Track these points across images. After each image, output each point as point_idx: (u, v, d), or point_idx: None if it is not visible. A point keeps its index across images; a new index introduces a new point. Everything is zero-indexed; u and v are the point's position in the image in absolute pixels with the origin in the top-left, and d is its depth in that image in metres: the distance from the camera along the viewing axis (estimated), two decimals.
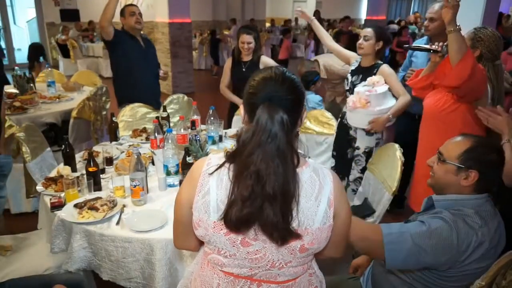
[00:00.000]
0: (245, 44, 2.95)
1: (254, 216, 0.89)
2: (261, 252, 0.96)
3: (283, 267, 0.99)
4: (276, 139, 0.86)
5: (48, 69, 4.21)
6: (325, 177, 0.97)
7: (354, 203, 2.36)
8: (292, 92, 0.92)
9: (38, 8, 10.00)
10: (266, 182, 0.86)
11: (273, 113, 0.87)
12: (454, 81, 1.75)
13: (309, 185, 0.94)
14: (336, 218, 0.99)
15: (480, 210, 1.20)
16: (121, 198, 1.76)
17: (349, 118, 2.55)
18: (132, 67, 3.04)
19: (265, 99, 0.90)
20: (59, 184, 1.82)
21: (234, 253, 0.97)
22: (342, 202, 1.00)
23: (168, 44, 6.99)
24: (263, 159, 0.86)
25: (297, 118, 0.95)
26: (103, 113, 3.46)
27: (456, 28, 1.69)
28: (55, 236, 1.65)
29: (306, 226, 0.94)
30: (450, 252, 1.15)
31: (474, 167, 1.22)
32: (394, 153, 2.06)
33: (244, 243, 0.95)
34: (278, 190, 0.87)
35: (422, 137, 2.19)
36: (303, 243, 0.95)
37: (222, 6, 13.13)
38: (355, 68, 2.63)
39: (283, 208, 0.89)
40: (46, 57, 6.38)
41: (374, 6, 10.93)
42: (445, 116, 1.96)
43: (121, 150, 2.35)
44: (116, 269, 1.56)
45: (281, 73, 0.94)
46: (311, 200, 0.94)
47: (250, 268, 0.99)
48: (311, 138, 2.85)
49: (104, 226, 1.56)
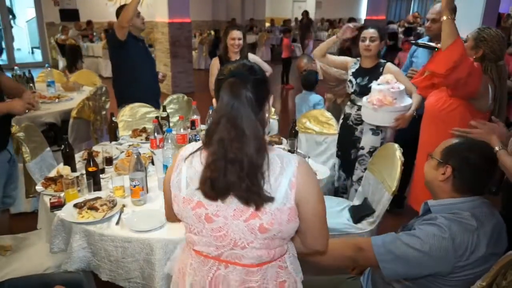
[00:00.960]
0: (236, 40, 2.95)
1: (217, 180, 0.96)
2: (224, 229, 1.02)
3: (246, 247, 1.03)
4: (240, 110, 0.93)
5: (48, 69, 4.20)
6: (289, 162, 1.02)
7: (354, 203, 2.36)
8: (254, 73, 1.00)
9: (37, 8, 9.99)
10: (228, 148, 0.93)
11: (236, 87, 0.95)
12: (440, 66, 1.74)
13: (270, 166, 0.98)
14: (302, 203, 1.02)
15: (475, 212, 1.20)
16: (121, 198, 1.76)
17: (370, 117, 2.47)
18: (135, 67, 3.03)
19: (229, 76, 0.98)
20: (59, 184, 1.82)
21: (201, 230, 1.05)
22: (309, 187, 1.02)
23: (168, 44, 6.98)
24: (225, 128, 0.94)
25: (261, 99, 1.00)
26: (102, 113, 3.46)
27: (452, 16, 1.74)
28: (55, 236, 1.65)
29: (265, 205, 0.98)
30: (447, 259, 1.14)
31: (450, 162, 1.23)
32: (394, 153, 2.06)
33: (208, 218, 1.02)
34: (244, 155, 0.93)
35: (423, 136, 2.20)
36: (262, 222, 0.99)
37: (222, 6, 13.12)
38: (356, 70, 2.63)
39: (250, 173, 0.94)
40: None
41: (374, 6, 10.94)
42: (445, 115, 1.96)
43: (121, 150, 2.34)
44: (116, 269, 1.56)
45: (243, 61, 1.04)
46: (270, 181, 0.98)
47: (216, 247, 1.05)
48: (311, 138, 2.86)
49: (104, 226, 1.56)
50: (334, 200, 2.46)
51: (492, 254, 1.17)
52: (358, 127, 2.63)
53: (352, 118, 2.67)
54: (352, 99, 2.68)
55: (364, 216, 2.15)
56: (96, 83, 4.24)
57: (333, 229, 2.14)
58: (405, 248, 1.17)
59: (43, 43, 10.20)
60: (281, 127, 3.12)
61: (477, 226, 1.16)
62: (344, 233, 2.13)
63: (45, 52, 10.25)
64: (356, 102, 2.63)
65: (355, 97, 2.65)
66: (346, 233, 2.12)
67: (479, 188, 1.25)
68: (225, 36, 3.06)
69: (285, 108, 5.68)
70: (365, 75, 2.59)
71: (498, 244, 1.21)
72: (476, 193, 1.25)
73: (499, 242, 1.21)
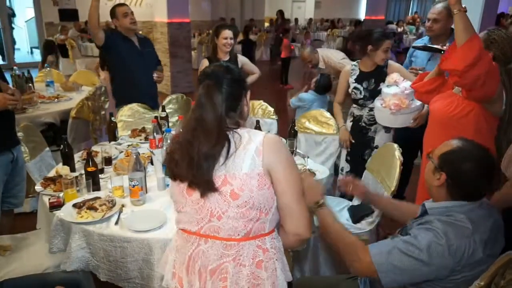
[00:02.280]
0: (228, 39, 2.95)
1: (172, 169, 1.14)
2: (201, 201, 1.10)
3: (221, 217, 1.09)
4: (210, 112, 1.08)
5: (47, 69, 4.20)
6: (257, 134, 1.12)
7: (353, 203, 2.36)
8: (229, 72, 1.14)
9: (37, 7, 9.98)
10: (185, 147, 1.09)
11: (210, 88, 1.10)
12: (458, 63, 1.61)
13: (240, 138, 1.09)
14: (273, 172, 1.09)
15: (471, 215, 1.19)
16: (120, 198, 1.76)
17: (389, 121, 2.45)
18: (128, 68, 2.99)
19: (205, 78, 1.14)
20: (58, 184, 1.82)
21: (184, 204, 1.14)
22: (277, 155, 1.10)
23: (167, 44, 6.98)
24: (192, 128, 1.10)
25: (236, 96, 1.15)
26: (102, 113, 3.46)
27: (462, 8, 1.64)
28: (54, 236, 1.64)
29: (233, 171, 1.07)
30: (445, 265, 1.14)
31: (445, 169, 1.22)
32: (393, 153, 2.06)
33: (188, 191, 1.12)
34: (193, 154, 1.07)
35: (428, 143, 2.02)
36: (233, 188, 1.07)
37: (221, 6, 13.12)
38: (357, 76, 2.63)
39: (198, 166, 1.07)
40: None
41: (373, 6, 10.97)
42: (456, 121, 1.82)
43: (120, 150, 2.34)
44: (115, 270, 1.56)
45: (221, 63, 1.20)
46: (239, 149, 1.08)
47: (197, 221, 1.13)
48: (310, 138, 2.85)
49: (103, 226, 1.56)
50: (334, 200, 2.45)
51: (489, 256, 1.17)
52: (371, 127, 2.62)
53: (365, 119, 2.65)
54: (361, 104, 2.64)
55: (363, 216, 2.15)
56: (95, 83, 4.24)
57: None
58: (403, 257, 1.16)
59: (42, 43, 10.18)
60: (280, 127, 3.11)
61: (472, 230, 1.15)
62: None
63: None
64: (367, 105, 2.61)
65: (364, 102, 2.62)
66: None
67: (475, 196, 1.23)
68: (215, 36, 3.05)
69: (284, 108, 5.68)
70: (369, 78, 2.58)
71: (495, 244, 1.21)
72: (472, 199, 1.22)
73: (496, 242, 1.21)
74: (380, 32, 2.53)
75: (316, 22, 15.24)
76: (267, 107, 3.11)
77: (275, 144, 1.11)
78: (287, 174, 1.10)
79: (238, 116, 1.16)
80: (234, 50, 3.09)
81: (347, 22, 15.46)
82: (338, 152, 2.81)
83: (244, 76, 1.18)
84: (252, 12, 13.34)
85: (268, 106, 3.11)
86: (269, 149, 1.09)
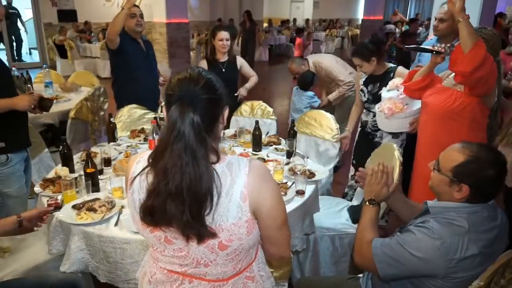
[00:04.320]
0: (224, 41, 2.95)
1: (157, 211, 0.91)
2: (185, 250, 0.99)
3: (209, 265, 1.00)
4: (185, 138, 0.88)
5: (45, 69, 4.19)
6: (239, 171, 0.96)
7: (352, 203, 2.36)
8: (207, 91, 0.93)
9: (35, 8, 9.96)
10: (170, 179, 0.88)
11: (183, 113, 0.88)
12: (468, 66, 1.75)
13: (221, 181, 0.93)
14: (259, 209, 0.97)
15: (472, 217, 1.21)
16: (119, 199, 1.75)
17: (384, 126, 2.49)
18: (134, 70, 2.97)
19: (178, 98, 0.91)
20: (57, 185, 1.82)
21: (163, 249, 1.01)
22: (262, 192, 0.97)
23: (165, 45, 6.98)
24: (171, 157, 0.88)
25: (214, 117, 0.96)
26: (100, 113, 3.45)
27: (466, 16, 1.77)
28: (53, 237, 1.64)
29: (219, 222, 0.94)
30: (438, 262, 1.16)
31: (467, 181, 1.22)
32: (392, 153, 2.05)
33: (167, 240, 0.98)
34: (185, 188, 0.88)
35: (425, 136, 2.16)
36: (220, 240, 0.95)
37: (220, 6, 13.11)
38: (366, 78, 2.66)
39: (192, 207, 0.89)
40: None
41: (371, 6, 10.94)
42: (455, 114, 1.97)
43: (119, 151, 2.34)
44: (114, 271, 1.55)
45: (197, 73, 0.95)
46: (222, 196, 0.92)
47: (180, 265, 1.02)
48: (309, 138, 2.84)
49: (103, 227, 1.56)
50: (333, 200, 2.46)
51: (490, 256, 1.17)
52: (377, 133, 2.63)
53: (370, 125, 2.68)
54: (367, 107, 2.69)
55: None
56: (94, 83, 4.22)
57: (332, 229, 2.15)
58: (399, 249, 1.21)
59: (41, 44, 10.17)
60: (280, 127, 3.11)
61: (468, 229, 1.17)
62: (343, 233, 2.13)
63: (42, 53, 10.22)
64: (371, 109, 2.64)
65: (369, 105, 2.66)
66: (345, 233, 2.13)
67: (493, 195, 1.26)
68: (212, 37, 3.04)
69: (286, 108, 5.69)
70: (375, 82, 2.60)
71: (496, 246, 1.21)
72: (488, 199, 1.25)
73: (498, 243, 1.22)
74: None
75: (315, 22, 15.25)
76: (266, 108, 3.11)
77: (260, 180, 0.97)
78: (273, 210, 1.00)
79: (213, 139, 0.96)
80: (233, 51, 3.08)
81: (345, 22, 15.49)
82: (339, 157, 2.80)
83: (223, 90, 0.99)
84: (250, 13, 13.32)
85: (268, 107, 3.11)
86: (254, 189, 0.95)
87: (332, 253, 2.16)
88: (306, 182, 1.90)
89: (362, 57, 2.55)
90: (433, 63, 2.09)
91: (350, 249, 2.13)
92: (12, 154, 1.99)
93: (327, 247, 2.15)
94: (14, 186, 2.03)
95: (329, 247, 2.15)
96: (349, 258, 2.02)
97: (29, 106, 1.94)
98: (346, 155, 3.25)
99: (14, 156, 2.00)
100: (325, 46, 12.51)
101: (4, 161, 1.97)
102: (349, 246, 2.14)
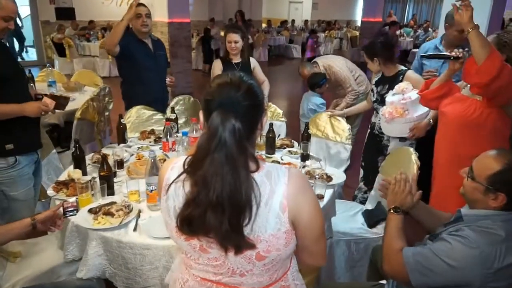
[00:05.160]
0: (232, 43, 2.89)
1: (196, 221, 0.88)
2: (220, 259, 0.97)
3: (245, 275, 0.98)
4: (226, 147, 0.85)
5: (48, 68, 4.12)
6: (278, 180, 0.93)
7: (367, 207, 2.34)
8: (248, 97, 0.90)
9: (32, 6, 9.84)
10: (211, 189, 0.85)
11: (225, 120, 0.85)
12: (483, 77, 1.69)
13: (260, 190, 0.90)
14: (297, 222, 0.94)
15: (507, 225, 1.19)
16: (136, 203, 1.71)
17: (386, 129, 2.49)
18: (140, 72, 2.87)
19: (219, 105, 0.88)
20: (71, 188, 1.77)
21: (198, 258, 0.99)
22: (302, 203, 0.94)
23: (167, 44, 6.90)
24: (212, 166, 0.85)
25: (254, 124, 0.94)
26: (105, 114, 3.39)
27: (475, 26, 1.72)
28: (69, 242, 1.60)
29: (258, 233, 0.91)
30: (475, 271, 1.14)
31: (503, 190, 1.20)
32: (409, 157, 2.04)
33: (203, 249, 0.96)
34: (225, 198, 0.85)
35: (443, 146, 2.07)
36: (258, 251, 0.93)
37: (219, 6, 13.06)
38: (378, 78, 2.65)
39: (232, 217, 0.86)
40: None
41: (370, 8, 10.93)
42: (475, 124, 1.88)
43: (131, 152, 2.29)
44: (133, 277, 1.51)
45: (238, 78, 0.92)
46: (261, 206, 0.89)
47: (214, 274, 1.00)
48: (321, 141, 2.82)
49: (122, 232, 1.52)
50: (347, 204, 2.43)
51: None
52: (384, 136, 2.62)
53: (377, 127, 2.67)
54: (375, 108, 2.69)
55: (379, 220, 2.13)
56: (97, 83, 4.17)
57: (347, 233, 2.12)
58: (434, 259, 1.19)
59: (38, 42, 10.05)
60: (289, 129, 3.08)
61: (505, 237, 1.16)
62: (359, 238, 2.10)
63: (39, 51, 10.10)
64: (379, 111, 2.62)
65: (377, 106, 2.64)
66: (362, 238, 2.10)
67: None
68: (224, 38, 2.99)
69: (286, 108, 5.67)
70: (385, 83, 2.59)
71: None
72: None
73: None
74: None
75: (313, 23, 15.25)
76: (276, 109, 3.08)
77: (299, 190, 0.94)
78: (312, 221, 0.97)
79: (252, 147, 0.95)
80: (246, 52, 3.02)
81: (344, 24, 15.51)
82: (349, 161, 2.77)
83: (263, 96, 0.96)
84: (249, 13, 13.28)
85: (277, 108, 3.08)
86: (294, 199, 0.92)
87: (347, 258, 2.13)
88: (326, 186, 1.87)
89: (366, 55, 2.59)
90: (451, 70, 1.99)
91: (366, 254, 2.10)
92: (21, 157, 1.94)
93: (343, 251, 2.12)
94: (21, 189, 1.98)
95: (345, 251, 2.12)
96: (367, 264, 1.99)
97: (37, 114, 1.90)
98: (354, 157, 3.23)
99: (23, 159, 1.95)
100: (324, 47, 12.49)
101: (12, 163, 1.92)
102: (365, 251, 2.11)
